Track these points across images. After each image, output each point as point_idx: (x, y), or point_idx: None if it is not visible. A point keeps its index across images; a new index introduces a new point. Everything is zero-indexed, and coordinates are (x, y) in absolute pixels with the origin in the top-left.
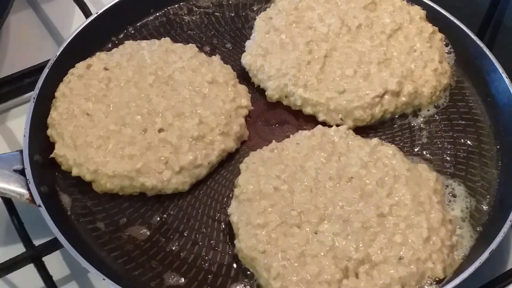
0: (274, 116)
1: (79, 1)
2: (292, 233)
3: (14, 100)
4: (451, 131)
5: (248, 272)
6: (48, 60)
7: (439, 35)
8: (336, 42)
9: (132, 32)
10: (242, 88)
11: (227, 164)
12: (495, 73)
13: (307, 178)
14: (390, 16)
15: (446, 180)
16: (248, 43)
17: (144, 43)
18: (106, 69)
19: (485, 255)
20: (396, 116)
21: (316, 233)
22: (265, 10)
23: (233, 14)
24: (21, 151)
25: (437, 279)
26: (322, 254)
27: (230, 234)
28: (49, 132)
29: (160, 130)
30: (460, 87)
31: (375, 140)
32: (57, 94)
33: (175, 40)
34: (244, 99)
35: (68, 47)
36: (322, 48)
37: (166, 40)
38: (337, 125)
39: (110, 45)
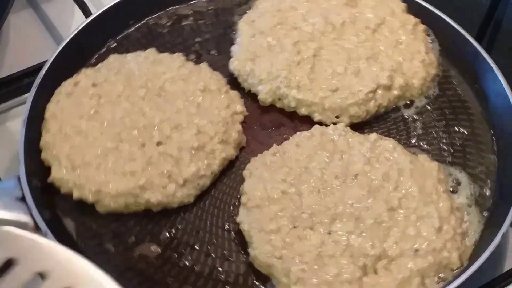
0: (269, 120)
1: (79, 1)
2: (306, 235)
3: (14, 100)
4: (444, 120)
5: (266, 279)
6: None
7: (422, 26)
8: (322, 41)
9: (114, 45)
10: (235, 94)
11: (229, 172)
12: (479, 59)
13: (313, 179)
14: (372, 11)
15: (447, 168)
16: (234, 48)
17: (129, 55)
18: (94, 85)
19: (497, 239)
20: (389, 110)
21: (330, 234)
22: (247, 13)
23: (214, 20)
24: (18, 177)
25: (454, 267)
26: (339, 253)
27: (241, 242)
28: (43, 155)
29: (159, 143)
30: (447, 76)
31: (373, 135)
32: (46, 115)
33: (159, 51)
34: (238, 105)
35: (52, 66)
36: (310, 48)
37: (152, 51)
38: (333, 124)
39: (94, 61)
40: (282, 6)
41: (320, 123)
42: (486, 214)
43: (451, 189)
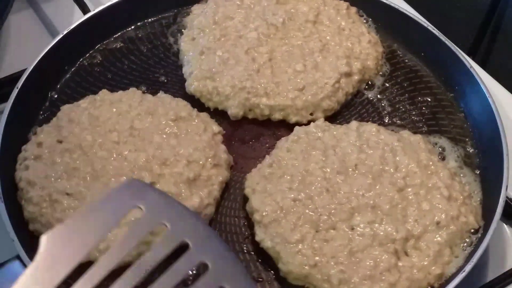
0: (245, 133)
1: (79, 1)
2: (331, 236)
3: None
4: (406, 93)
5: None
6: None
7: (353, 9)
8: (271, 43)
9: (56, 96)
10: (205, 116)
11: (226, 195)
12: (419, 28)
13: (318, 180)
14: (304, 4)
15: (426, 138)
16: (186, 70)
17: (82, 102)
18: (60, 141)
19: (503, 193)
20: (354, 96)
21: (353, 229)
22: (180, 33)
23: (149, 46)
24: (17, 257)
25: (472, 230)
26: (368, 245)
27: (265, 261)
28: (31, 227)
29: (152, 184)
30: (392, 51)
31: (354, 123)
32: (21, 185)
33: (107, 90)
34: (213, 125)
35: (4, 135)
36: (263, 53)
37: (105, 92)
38: (309, 122)
39: (42, 117)
40: (217, 18)
41: (296, 124)
42: (478, 172)
43: (440, 156)
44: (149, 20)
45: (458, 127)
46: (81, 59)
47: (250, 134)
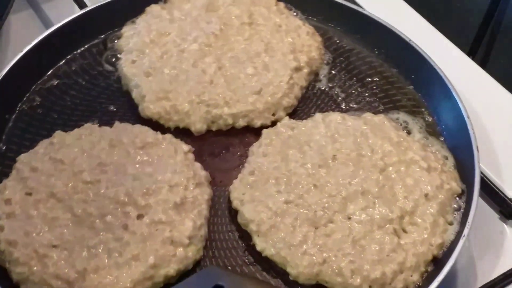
0: (213, 146)
1: (79, 0)
2: (332, 230)
3: None
4: (354, 77)
5: None
6: None
7: (281, 4)
8: (215, 52)
9: (5, 148)
10: (170, 137)
11: (213, 212)
12: (348, 11)
13: (303, 177)
14: (235, 8)
15: (387, 115)
16: (136, 95)
17: (39, 148)
18: (28, 194)
19: (476, 153)
20: (306, 89)
21: (350, 218)
22: (116, 58)
23: (87, 77)
24: None
25: (456, 195)
26: (369, 231)
27: (270, 268)
28: None
29: (140, 216)
30: (328, 38)
31: (318, 115)
32: (1, 247)
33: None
34: (182, 145)
35: None
36: (210, 63)
37: (59, 133)
38: (273, 122)
39: None
40: (152, 36)
41: (262, 127)
42: (442, 138)
43: (405, 131)
44: (79, 50)
45: (412, 99)
46: (20, 104)
47: (219, 146)
